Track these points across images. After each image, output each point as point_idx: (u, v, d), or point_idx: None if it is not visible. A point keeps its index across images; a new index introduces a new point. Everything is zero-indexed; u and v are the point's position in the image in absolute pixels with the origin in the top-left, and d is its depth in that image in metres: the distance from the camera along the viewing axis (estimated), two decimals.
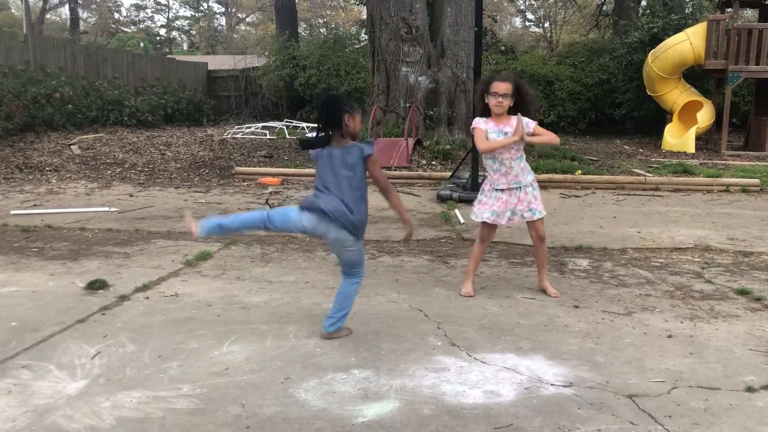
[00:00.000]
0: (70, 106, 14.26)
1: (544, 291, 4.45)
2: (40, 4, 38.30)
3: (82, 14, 43.01)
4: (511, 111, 4.27)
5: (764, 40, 13.32)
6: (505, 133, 4.23)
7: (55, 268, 4.98)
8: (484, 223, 4.40)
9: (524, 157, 4.37)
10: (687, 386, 3.02)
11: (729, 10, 14.61)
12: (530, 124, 4.23)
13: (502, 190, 4.33)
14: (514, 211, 4.34)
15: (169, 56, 28.34)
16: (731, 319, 3.94)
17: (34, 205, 7.76)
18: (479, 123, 4.31)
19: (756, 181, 9.32)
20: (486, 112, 4.32)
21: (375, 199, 8.36)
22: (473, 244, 4.64)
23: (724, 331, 3.74)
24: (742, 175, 9.93)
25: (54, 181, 9.61)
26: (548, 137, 4.28)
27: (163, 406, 2.80)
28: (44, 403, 2.82)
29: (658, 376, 3.12)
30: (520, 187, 4.32)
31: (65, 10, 40.95)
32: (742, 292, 4.45)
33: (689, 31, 14.15)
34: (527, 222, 4.39)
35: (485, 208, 4.38)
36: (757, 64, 13.37)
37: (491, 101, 4.21)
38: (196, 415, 2.72)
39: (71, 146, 12.23)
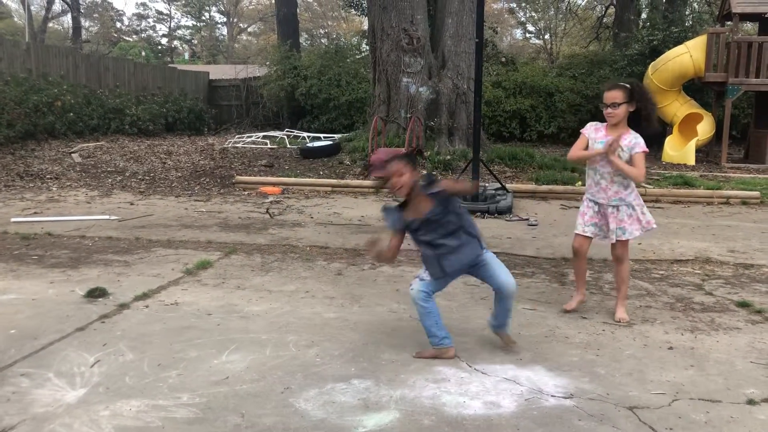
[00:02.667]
0: (71, 114, 14.30)
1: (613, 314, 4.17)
2: (43, 12, 38.45)
3: (85, 23, 43.18)
4: (634, 121, 4.02)
5: (764, 53, 13.37)
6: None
7: (55, 276, 4.98)
8: (576, 234, 4.23)
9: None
10: (688, 398, 3.01)
11: (729, 23, 14.67)
12: (636, 148, 3.95)
13: (600, 204, 4.13)
14: (602, 228, 4.15)
15: (170, 65, 28.42)
16: (732, 332, 3.93)
17: (35, 212, 7.77)
18: (587, 129, 4.16)
19: (756, 193, 9.32)
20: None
21: (375, 209, 8.38)
22: None
23: (725, 343, 3.74)
24: (742, 188, 9.94)
25: (54, 189, 9.62)
26: (634, 171, 3.94)
27: (162, 415, 2.79)
28: (43, 411, 2.81)
29: (659, 388, 3.11)
30: (619, 206, 4.06)
31: (67, 19, 41.07)
32: (743, 305, 4.45)
33: (689, 43, 14.21)
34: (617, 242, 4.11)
35: (582, 220, 4.20)
36: (757, 77, 13.41)
37: (604, 111, 4.02)
38: (195, 425, 2.71)
39: (72, 154, 12.25)
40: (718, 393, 3.07)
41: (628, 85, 3.99)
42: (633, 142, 3.96)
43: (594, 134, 4.09)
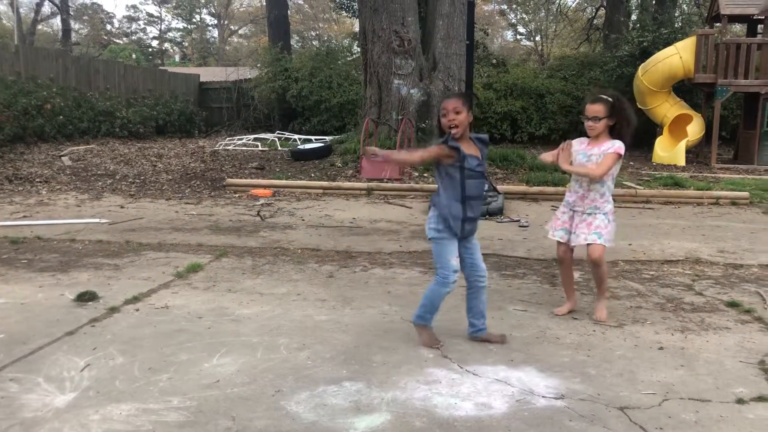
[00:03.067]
0: (61, 117, 14.24)
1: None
2: (32, 15, 38.26)
3: (74, 25, 42.98)
4: (614, 132, 4.06)
5: (752, 55, 13.46)
6: (589, 156, 4.07)
7: (45, 280, 4.95)
8: (558, 242, 4.28)
9: (608, 184, 4.12)
10: (678, 398, 3.02)
11: (718, 24, 14.78)
12: (610, 149, 4.00)
13: (576, 211, 4.20)
14: (577, 233, 4.17)
15: (161, 68, 28.35)
16: (722, 332, 3.95)
17: (24, 216, 7.72)
18: (575, 142, 4.22)
19: (745, 194, 9.38)
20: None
21: (367, 211, 8.38)
22: None
23: (715, 343, 3.76)
24: (732, 188, 10.00)
25: (44, 192, 9.57)
26: (585, 169, 4.05)
27: (152, 418, 2.78)
28: (32, 416, 2.79)
29: (650, 388, 3.12)
30: (596, 214, 4.12)
31: (57, 21, 40.92)
32: (733, 305, 4.47)
33: (679, 45, 14.29)
34: (587, 245, 4.12)
35: (558, 225, 4.27)
36: (746, 78, 13.51)
37: (585, 124, 4.11)
38: (186, 428, 2.70)
39: (62, 157, 12.19)
40: (707, 392, 3.09)
41: (610, 99, 4.04)
42: (609, 145, 4.02)
43: (577, 146, 4.17)
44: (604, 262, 4.15)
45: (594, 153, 4.06)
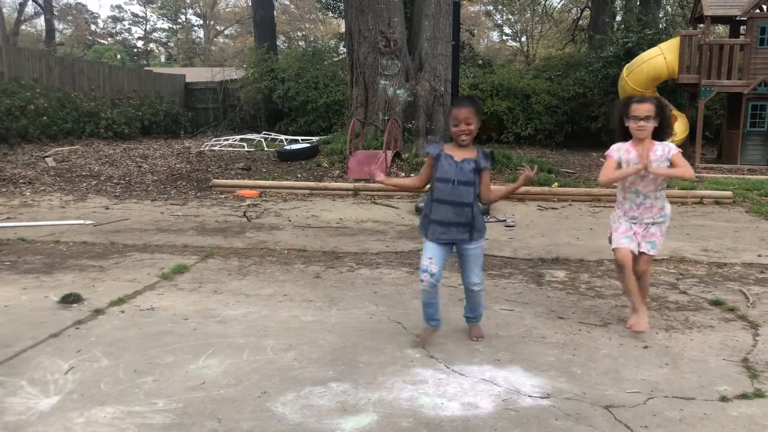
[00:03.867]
0: (45, 118, 14.11)
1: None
2: (15, 15, 37.90)
3: (58, 26, 42.63)
4: (656, 134, 3.84)
5: (735, 56, 13.58)
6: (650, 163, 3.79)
7: (28, 282, 4.90)
8: (617, 249, 3.92)
9: (665, 187, 3.95)
10: (663, 396, 3.04)
11: (701, 26, 14.90)
12: (672, 150, 3.79)
13: (644, 224, 3.92)
14: (640, 242, 3.92)
15: (146, 68, 28.20)
16: (705, 330, 3.99)
17: (8, 218, 7.65)
18: (613, 151, 3.94)
19: (729, 193, 9.46)
20: (626, 137, 3.92)
21: (353, 211, 8.37)
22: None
23: (699, 341, 3.79)
24: (716, 188, 10.08)
25: (28, 193, 9.48)
26: (680, 170, 3.76)
27: (138, 421, 2.76)
28: (15, 419, 2.76)
29: (634, 387, 3.14)
30: (661, 223, 3.93)
31: (41, 22, 40.57)
32: (716, 303, 4.51)
33: (663, 46, 14.39)
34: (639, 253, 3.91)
35: (617, 234, 3.95)
36: (729, 78, 13.62)
37: (632, 125, 3.81)
38: (171, 430, 2.69)
39: (46, 158, 12.09)
40: (692, 391, 3.11)
41: (656, 99, 3.85)
42: (666, 148, 3.80)
43: (626, 155, 3.88)
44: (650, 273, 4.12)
45: (653, 158, 3.79)
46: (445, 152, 3.60)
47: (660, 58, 14.09)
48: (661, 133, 3.85)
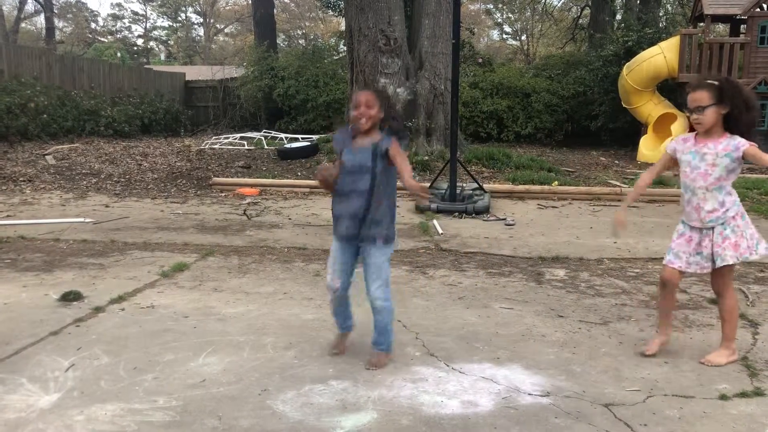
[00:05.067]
0: (45, 116, 14.10)
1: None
2: (15, 12, 37.88)
3: (58, 23, 42.60)
4: (729, 124, 3.29)
5: (735, 54, 13.59)
6: (703, 154, 3.31)
7: (28, 280, 4.91)
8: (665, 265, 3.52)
9: (728, 187, 3.35)
10: (662, 395, 3.05)
11: (701, 24, 14.90)
12: (741, 146, 3.23)
13: (691, 227, 3.43)
14: (704, 254, 3.39)
15: (146, 66, 28.19)
16: (705, 328, 3.99)
17: (7, 216, 7.65)
18: (673, 143, 3.50)
19: None
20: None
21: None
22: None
23: (698, 340, 3.79)
24: None
25: (28, 191, 9.48)
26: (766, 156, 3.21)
27: (138, 419, 2.76)
28: (15, 417, 2.77)
29: (634, 385, 3.15)
30: (714, 227, 3.34)
31: (41, 20, 40.52)
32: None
33: (663, 44, 14.39)
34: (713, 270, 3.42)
35: (670, 248, 3.51)
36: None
37: (690, 118, 3.35)
38: (171, 428, 2.69)
39: (46, 156, 12.08)
40: (691, 389, 3.12)
41: (716, 83, 3.25)
42: (731, 144, 3.25)
43: (681, 145, 3.42)
44: (729, 291, 3.50)
45: (709, 152, 3.29)
46: (348, 146, 3.32)
47: (660, 56, 14.10)
48: (734, 121, 3.26)
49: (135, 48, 48.14)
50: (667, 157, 3.53)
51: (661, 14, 21.50)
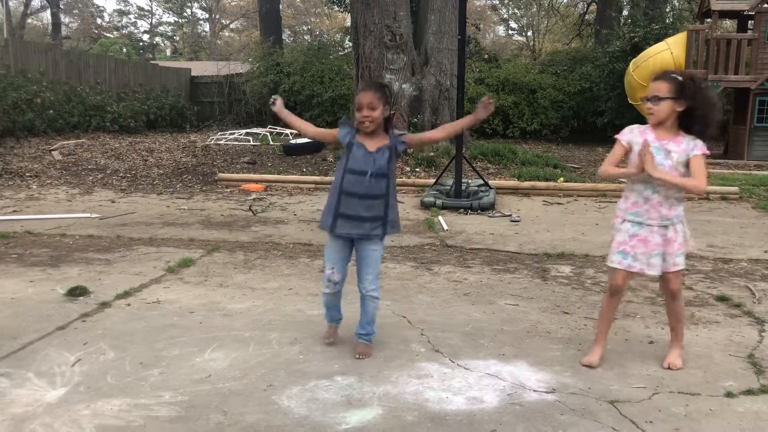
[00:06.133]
0: (51, 111, 14.13)
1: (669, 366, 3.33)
2: (21, 8, 37.97)
3: (64, 19, 42.72)
4: (684, 121, 3.15)
5: (743, 50, 13.52)
6: (668, 152, 3.13)
7: (35, 275, 4.93)
8: (615, 269, 3.35)
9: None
10: (668, 392, 3.04)
11: (708, 20, 14.82)
12: (695, 150, 3.12)
13: (647, 225, 3.25)
14: (664, 255, 3.26)
15: (152, 62, 28.21)
16: (711, 326, 3.98)
17: (14, 211, 7.68)
18: (625, 134, 3.27)
19: (735, 189, 9.43)
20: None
21: None
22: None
23: (704, 337, 3.78)
24: (722, 183, 10.04)
25: (34, 186, 9.51)
26: (691, 182, 3.11)
27: (144, 413, 2.77)
28: (22, 411, 2.78)
29: (640, 382, 3.14)
30: (670, 225, 3.25)
31: (47, 15, 40.66)
32: (722, 299, 4.50)
33: (670, 40, 14.33)
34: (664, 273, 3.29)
35: (620, 250, 3.33)
36: (736, 73, 13.56)
37: (645, 106, 3.21)
38: (177, 423, 2.70)
39: (52, 152, 12.11)
40: (697, 386, 3.11)
41: (679, 78, 3.12)
42: (690, 144, 3.13)
43: (638, 138, 3.21)
44: (681, 293, 3.34)
45: (672, 150, 3.13)
46: (357, 141, 3.31)
47: (667, 52, 14.04)
48: (693, 121, 3.13)
49: (141, 44, 48.20)
50: (622, 149, 3.26)
51: (667, 10, 21.40)
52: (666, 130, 3.17)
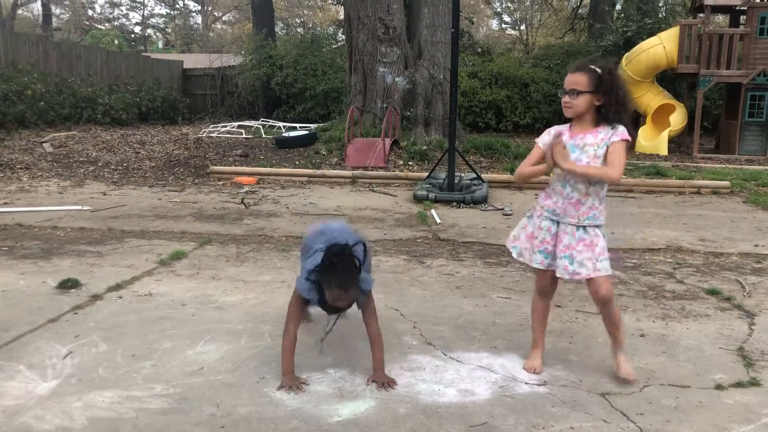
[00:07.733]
0: (42, 103, 14.06)
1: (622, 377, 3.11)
2: None
3: (55, 10, 42.37)
4: (602, 113, 2.99)
5: (735, 45, 13.56)
6: (584, 146, 2.99)
7: (26, 267, 4.90)
8: (538, 268, 3.18)
9: (606, 186, 3.07)
10: (658, 384, 3.06)
11: (701, 15, 14.85)
12: (614, 137, 2.94)
13: (564, 223, 3.07)
14: (576, 259, 3.02)
15: (144, 54, 28.05)
16: (702, 319, 4.00)
17: (5, 203, 7.63)
18: (543, 136, 3.17)
19: (726, 183, 9.47)
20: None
21: (351, 199, 8.36)
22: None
23: (695, 330, 3.80)
24: (713, 178, 10.09)
25: (25, 179, 9.46)
26: (602, 170, 2.93)
27: (136, 405, 2.77)
28: (14, 403, 2.77)
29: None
30: (596, 227, 3.06)
31: (37, 6, 40.32)
32: (713, 292, 4.53)
33: (662, 35, 14.37)
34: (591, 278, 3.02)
35: (537, 244, 3.14)
36: (728, 68, 13.61)
37: (561, 100, 3.07)
38: (169, 415, 2.70)
39: (43, 144, 12.05)
40: (687, 379, 3.13)
41: (598, 70, 2.99)
42: (609, 132, 2.96)
43: (554, 138, 3.06)
44: (613, 300, 3.09)
45: (589, 143, 2.98)
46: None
47: (659, 47, 14.07)
48: (606, 113, 2.97)
49: (132, 35, 47.86)
50: (539, 152, 3.11)
51: (660, 5, 21.45)
52: (583, 124, 3.04)
